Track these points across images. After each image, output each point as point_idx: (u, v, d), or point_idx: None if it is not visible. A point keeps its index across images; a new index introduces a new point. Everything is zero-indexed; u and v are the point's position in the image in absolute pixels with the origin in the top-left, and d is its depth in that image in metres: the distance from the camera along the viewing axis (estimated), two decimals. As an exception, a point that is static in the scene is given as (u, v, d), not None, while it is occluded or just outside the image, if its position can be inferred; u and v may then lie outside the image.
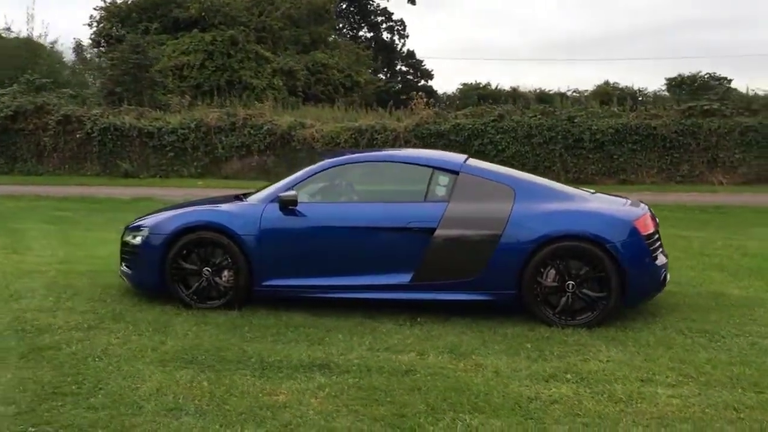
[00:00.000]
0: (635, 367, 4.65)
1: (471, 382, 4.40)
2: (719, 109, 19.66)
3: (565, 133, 19.59)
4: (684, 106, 20.27)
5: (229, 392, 4.26)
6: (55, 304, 6.25)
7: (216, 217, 6.08)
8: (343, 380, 4.45)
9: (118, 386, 4.35)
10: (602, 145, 19.46)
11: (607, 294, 5.55)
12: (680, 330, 5.49)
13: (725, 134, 19.28)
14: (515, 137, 19.83)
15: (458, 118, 20.52)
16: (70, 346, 5.09)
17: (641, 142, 19.49)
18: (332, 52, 41.09)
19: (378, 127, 20.44)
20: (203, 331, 5.46)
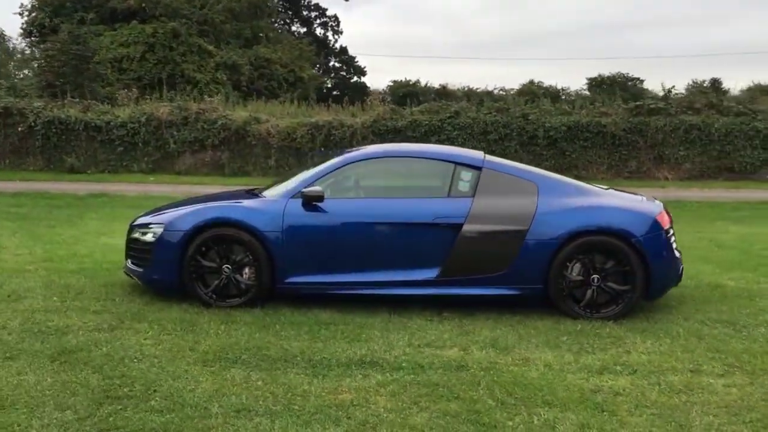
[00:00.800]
0: (678, 358, 4.78)
1: (527, 376, 4.44)
2: (664, 108, 20.37)
3: (519, 130, 19.93)
4: (631, 105, 20.93)
5: (291, 392, 4.17)
6: (63, 305, 5.98)
7: (237, 213, 5.93)
8: (400, 377, 4.42)
9: (172, 387, 4.20)
10: (555, 142, 19.89)
11: (631, 287, 5.68)
12: (702, 321, 5.67)
13: (670, 132, 19.98)
14: (471, 134, 20.05)
15: (414, 115, 20.60)
16: (99, 348, 4.88)
17: (592, 139, 20.00)
18: (275, 47, 40.62)
19: (335, 123, 20.32)
20: (234, 329, 5.33)
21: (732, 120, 20.09)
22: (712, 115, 20.27)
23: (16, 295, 6.26)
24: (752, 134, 19.90)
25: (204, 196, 7.26)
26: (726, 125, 19.95)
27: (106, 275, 7.12)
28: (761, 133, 19.86)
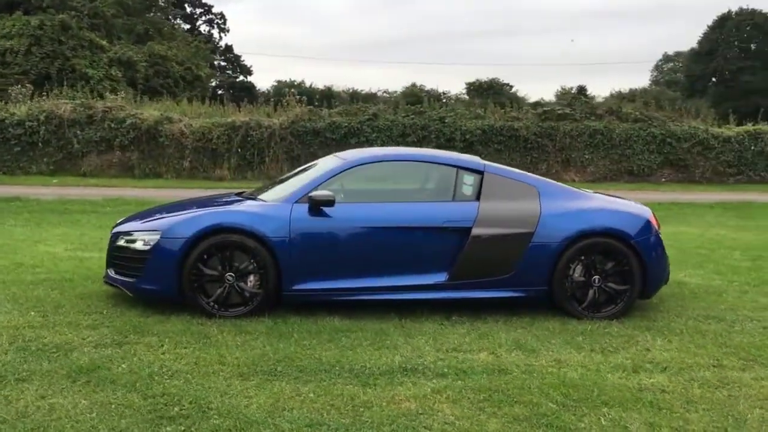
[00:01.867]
0: (696, 354, 5.02)
1: (570, 377, 4.52)
2: (571, 114, 21.33)
3: (437, 133, 20.28)
4: (540, 110, 21.77)
5: (351, 403, 4.06)
6: (47, 320, 5.54)
7: (242, 218, 5.70)
8: (450, 383, 4.39)
9: (225, 404, 3.98)
10: (471, 145, 20.35)
11: (630, 287, 5.91)
12: (693, 317, 5.98)
13: (577, 136, 20.95)
14: (390, 136, 20.19)
15: (333, 116, 20.50)
16: (118, 365, 4.56)
17: (505, 143, 20.66)
18: (169, 44, 39.29)
19: (252, 123, 19.90)
20: (253, 340, 5.12)
21: (631, 126, 21.31)
22: (613, 121, 21.42)
23: (-14, 310, 5.74)
24: (649, 139, 21.18)
25: (189, 201, 6.93)
26: (626, 131, 21.14)
27: (74, 286, 6.65)
28: (657, 138, 21.18)
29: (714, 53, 52.81)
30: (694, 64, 55.56)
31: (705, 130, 21.60)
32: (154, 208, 6.95)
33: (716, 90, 52.11)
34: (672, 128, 21.29)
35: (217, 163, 19.82)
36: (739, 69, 51.20)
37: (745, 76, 50.35)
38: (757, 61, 51.18)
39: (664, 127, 21.32)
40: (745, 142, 21.54)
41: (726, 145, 21.41)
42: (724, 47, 52.69)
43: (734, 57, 52.17)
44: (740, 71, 50.99)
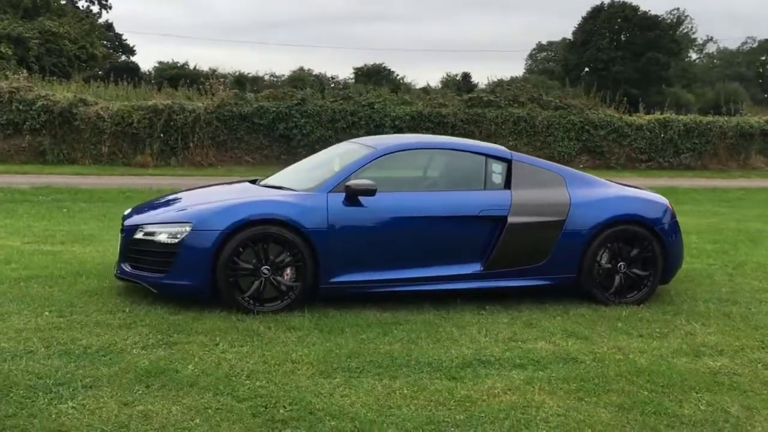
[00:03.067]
0: (738, 337, 5.22)
1: (642, 364, 4.58)
2: (495, 101, 21.77)
3: (367, 119, 20.17)
4: (465, 97, 22.09)
5: (453, 398, 3.96)
6: (68, 320, 5.10)
7: (280, 209, 5.42)
8: (533, 374, 4.36)
9: (329, 404, 3.79)
10: (400, 131, 20.37)
11: (653, 272, 6.09)
12: (709, 300, 6.22)
13: (501, 123, 21.41)
14: (320, 122, 19.90)
15: (260, 101, 19.96)
16: (183, 366, 4.25)
17: (433, 129, 20.80)
18: (60, 20, 36.99)
19: (176, 107, 19.05)
20: (306, 336, 4.91)
21: (552, 113, 22.00)
22: (535, 108, 22.04)
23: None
24: (569, 126, 21.95)
25: (202, 190, 6.52)
26: (547, 118, 21.80)
27: (70, 283, 6.15)
28: (576, 125, 21.98)
29: (588, 44, 55.42)
30: (570, 53, 58.18)
31: (619, 118, 22.61)
32: (164, 198, 6.50)
33: (590, 79, 54.70)
34: (590, 116, 22.15)
35: (138, 149, 18.88)
36: (610, 59, 53.94)
37: (616, 66, 53.06)
38: (627, 52, 54.08)
39: (582, 115, 22.14)
40: (655, 130, 22.70)
41: (639, 133, 22.50)
42: (597, 38, 55.38)
43: (606, 48, 54.89)
44: (612, 61, 53.72)
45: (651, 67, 53.10)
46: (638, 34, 54.82)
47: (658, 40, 54.47)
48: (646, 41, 53.92)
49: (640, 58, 53.30)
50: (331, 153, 6.95)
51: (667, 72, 55.14)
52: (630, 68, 52.49)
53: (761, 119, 25.27)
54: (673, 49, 57.02)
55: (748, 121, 24.56)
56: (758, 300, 6.34)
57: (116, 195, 12.85)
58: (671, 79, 55.70)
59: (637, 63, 53.07)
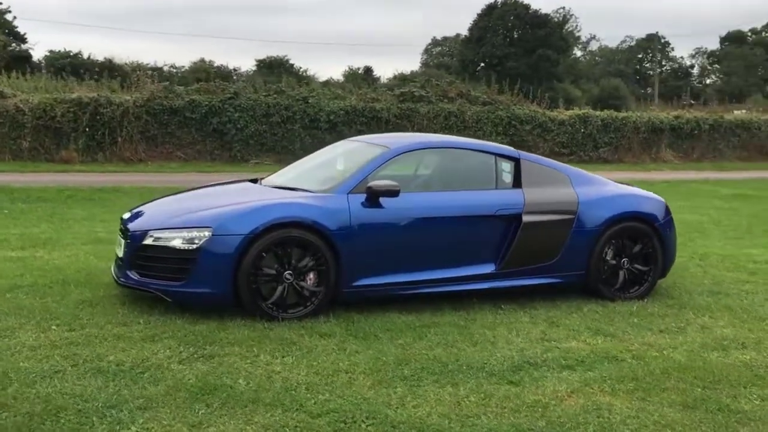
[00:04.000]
0: (751, 329, 5.41)
1: (680, 360, 4.67)
2: (426, 96, 21.90)
3: (302, 114, 19.86)
4: (397, 92, 22.11)
5: (525, 405, 3.91)
6: (81, 334, 4.77)
7: (304, 211, 5.23)
8: (586, 375, 4.36)
9: (404, 415, 3.69)
10: (335, 126, 20.20)
11: (653, 267, 6.25)
12: (702, 293, 6.43)
13: (433, 118, 21.56)
14: (254, 116, 19.44)
15: (191, 94, 19.31)
16: (233, 381, 4.04)
17: (367, 124, 20.71)
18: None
19: (102, 100, 18.14)
20: (343, 342, 4.77)
21: (480, 108, 22.34)
22: (464, 103, 22.32)
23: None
24: (497, 122, 22.35)
25: (203, 191, 6.20)
26: (476, 113, 22.12)
27: (63, 292, 5.76)
28: (503, 120, 22.40)
29: (482, 40, 56.79)
30: (466, 49, 59.48)
31: (543, 113, 23.22)
32: (164, 199, 6.14)
33: (486, 73, 55.94)
34: (516, 111, 22.63)
35: (62, 144, 17.88)
36: (504, 55, 55.40)
37: (510, 61, 54.50)
38: (520, 48, 55.68)
39: (509, 110, 22.60)
40: (576, 125, 23.46)
41: (561, 128, 23.18)
42: (492, 35, 56.81)
43: (500, 44, 56.35)
44: (506, 57, 55.18)
45: (542, 63, 54.64)
46: (530, 31, 56.46)
47: (548, 38, 56.27)
48: (537, 38, 55.60)
49: (532, 55, 54.92)
50: (331, 152, 6.77)
51: (557, 68, 56.93)
52: (523, 64, 53.90)
53: (669, 115, 26.61)
54: (562, 46, 59.10)
55: (658, 117, 25.79)
56: (745, 291, 6.61)
57: (55, 194, 12.12)
58: (561, 75, 57.58)
59: (529, 59, 54.58)
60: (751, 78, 69.79)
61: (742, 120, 26.98)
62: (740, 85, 65.88)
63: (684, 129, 25.44)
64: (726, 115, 27.07)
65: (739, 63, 71.38)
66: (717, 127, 26.04)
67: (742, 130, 26.46)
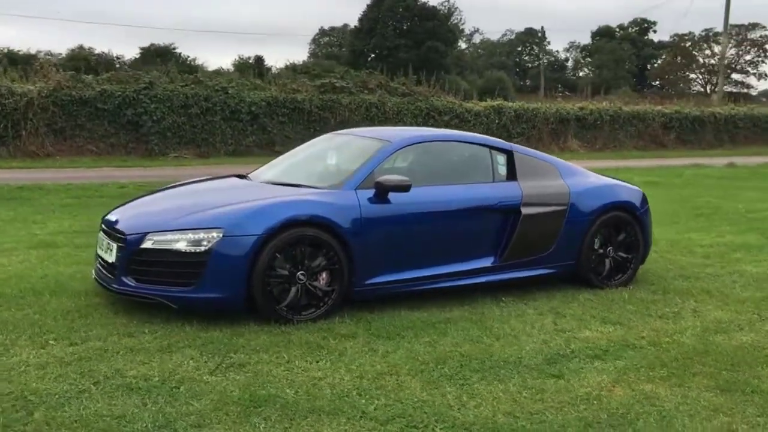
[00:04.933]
0: (736, 311, 5.58)
1: (692, 344, 4.80)
2: (347, 87, 21.76)
3: (222, 105, 19.27)
4: (318, 83, 21.85)
5: (576, 397, 3.93)
6: (86, 347, 4.41)
7: (318, 209, 5.03)
8: (614, 364, 4.41)
9: (476, 417, 3.61)
10: (257, 117, 19.74)
11: (635, 255, 6.44)
12: (675, 278, 6.65)
13: (355, 109, 21.47)
14: (171, 107, 18.70)
15: (103, 84, 18.32)
16: (280, 390, 3.85)
17: (289, 115, 20.39)
18: None
19: (3, 90, 16.94)
20: (371, 343, 4.63)
21: (400, 100, 22.43)
22: (384, 94, 22.35)
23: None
24: (417, 113, 22.55)
25: (190, 188, 5.86)
26: (397, 104, 22.22)
27: (42, 302, 5.32)
28: (423, 111, 22.62)
29: (373, 31, 57.28)
30: (356, 39, 59.80)
31: (460, 104, 23.60)
32: (149, 199, 5.75)
33: (377, 64, 56.46)
34: (435, 103, 22.87)
35: (-38, 138, 16.58)
36: (395, 46, 56.06)
37: (400, 53, 55.19)
38: (409, 40, 56.49)
39: (428, 101, 22.81)
40: (491, 116, 24.00)
41: (477, 119, 23.65)
42: (382, 26, 57.37)
43: (390, 35, 56.97)
44: (396, 48, 55.87)
45: (431, 55, 55.46)
46: (418, 23, 57.25)
47: (437, 30, 57.24)
48: (426, 30, 56.44)
49: (422, 46, 55.75)
50: (318, 146, 6.57)
51: (446, 60, 58.04)
52: (413, 56, 54.60)
53: (575, 106, 27.66)
54: (449, 38, 60.32)
55: (564, 108, 26.77)
56: (710, 275, 6.88)
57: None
58: (449, 66, 58.79)
59: (419, 51, 55.36)
60: (619, 71, 73.64)
61: (638, 111, 28.40)
62: (610, 78, 69.21)
63: (588, 119, 26.52)
64: (624, 106, 28.36)
65: (609, 57, 75.13)
66: (617, 118, 27.31)
67: (638, 121, 27.88)
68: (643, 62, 79.84)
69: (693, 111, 29.42)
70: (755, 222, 10.41)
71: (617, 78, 70.69)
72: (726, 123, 29.97)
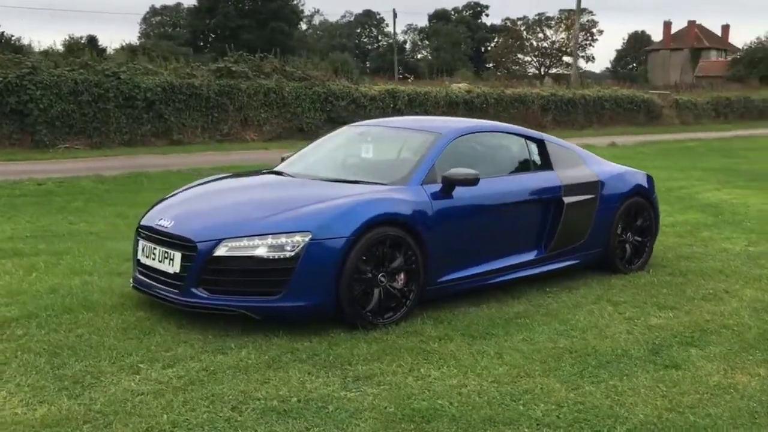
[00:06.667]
0: (761, 289, 5.98)
1: (757, 325, 5.06)
2: (243, 71, 20.96)
3: (116, 91, 17.93)
4: (213, 67, 20.88)
5: (712, 384, 3.99)
6: (191, 368, 3.94)
7: (397, 206, 4.77)
8: (713, 351, 4.49)
9: (645, 413, 3.58)
10: (153, 104, 18.57)
11: (650, 238, 6.66)
12: (674, 259, 6.94)
13: (253, 95, 20.73)
14: (59, 94, 17.14)
15: (-23, 69, 16.48)
16: (434, 404, 3.62)
17: (186, 102, 19.35)
18: None
19: None
20: (482, 347, 4.48)
21: (298, 85, 21.93)
22: (281, 79, 21.74)
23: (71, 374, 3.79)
24: (315, 98, 22.11)
25: (226, 184, 5.42)
26: (295, 89, 21.69)
27: (71, 322, 4.70)
28: (321, 96, 22.23)
29: (214, 11, 55.95)
30: (196, 19, 58.23)
31: (356, 89, 23.42)
32: (185, 198, 5.23)
33: (219, 45, 54.86)
34: (332, 87, 22.55)
35: None
36: (238, 27, 55.02)
37: (244, 34, 54.25)
38: (253, 20, 55.66)
39: (325, 86, 22.45)
40: (386, 100, 24.01)
41: (374, 103, 23.56)
42: (223, 5, 56.16)
43: (233, 15, 55.84)
44: (240, 29, 54.86)
45: (276, 36, 54.73)
46: (261, 3, 56.36)
47: (280, 11, 56.66)
48: (269, 11, 55.74)
49: (266, 27, 55.01)
50: (346, 139, 6.23)
51: (291, 41, 57.59)
52: (257, 36, 53.80)
53: (461, 89, 28.31)
54: (293, 19, 59.99)
55: (453, 91, 27.31)
56: (703, 254, 7.14)
57: None
58: (295, 48, 58.52)
59: (263, 31, 54.60)
60: (456, 53, 76.50)
61: (519, 94, 29.53)
62: (448, 60, 71.62)
63: (475, 102, 27.19)
64: (506, 89, 29.38)
65: (446, 39, 77.80)
66: (500, 101, 28.23)
67: (519, 103, 28.98)
68: (477, 45, 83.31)
69: (566, 93, 30.99)
70: (685, 200, 11.06)
71: (455, 60, 73.11)
72: (594, 105, 31.82)
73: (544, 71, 76.69)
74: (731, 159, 18.21)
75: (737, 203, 10.84)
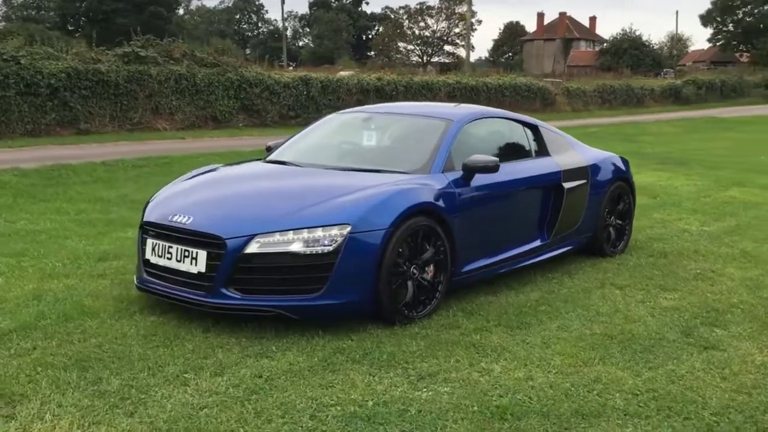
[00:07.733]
0: (750, 268, 6.21)
1: (756, 308, 5.25)
2: (152, 57, 19.95)
3: (16, 78, 16.60)
4: (119, 52, 19.73)
5: (758, 363, 4.08)
6: (242, 377, 3.63)
7: (428, 196, 4.60)
8: (739, 331, 4.59)
9: (710, 394, 3.60)
10: (57, 91, 17.35)
11: (628, 222, 6.79)
12: (652, 240, 7.18)
13: (164, 81, 19.79)
14: (-49, 81, 15.70)
15: None
16: (524, 405, 3.51)
17: (92, 89, 18.20)
18: None
19: None
20: (524, 337, 4.39)
21: (210, 71, 21.12)
22: (193, 65, 20.87)
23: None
24: (228, 85, 21.37)
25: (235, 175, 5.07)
26: (207, 76, 20.87)
27: (89, 328, 4.26)
28: (234, 83, 21.52)
29: None
30: (66, 2, 55.57)
31: (269, 75, 22.83)
32: (206, 191, 4.81)
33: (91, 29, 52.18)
34: (245, 74, 21.88)
35: None
36: (113, 10, 52.86)
37: (119, 17, 52.17)
38: (129, 4, 53.60)
39: (238, 72, 21.75)
40: (299, 87, 23.56)
41: (287, 90, 23.05)
42: None
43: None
44: (114, 13, 52.70)
45: (154, 21, 53.08)
46: None
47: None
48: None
49: (143, 11, 53.20)
50: (339, 126, 5.97)
51: (170, 26, 55.95)
52: (134, 21, 52.00)
53: (372, 77, 28.21)
54: (171, 4, 58.34)
55: (365, 79, 27.17)
56: (668, 235, 7.36)
57: None
58: (174, 33, 56.99)
59: (140, 16, 52.79)
60: (338, 41, 76.80)
61: (427, 81, 29.79)
62: (331, 48, 71.80)
63: (386, 89, 27.13)
64: (414, 77, 29.53)
65: (327, 27, 77.88)
66: (409, 88, 28.35)
67: (427, 90, 29.22)
68: (359, 33, 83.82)
69: (470, 81, 31.52)
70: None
71: (338, 48, 73.18)
72: (495, 92, 32.53)
73: (427, 59, 77.88)
74: (632, 143, 18.84)
75: (665, 185, 11.27)
